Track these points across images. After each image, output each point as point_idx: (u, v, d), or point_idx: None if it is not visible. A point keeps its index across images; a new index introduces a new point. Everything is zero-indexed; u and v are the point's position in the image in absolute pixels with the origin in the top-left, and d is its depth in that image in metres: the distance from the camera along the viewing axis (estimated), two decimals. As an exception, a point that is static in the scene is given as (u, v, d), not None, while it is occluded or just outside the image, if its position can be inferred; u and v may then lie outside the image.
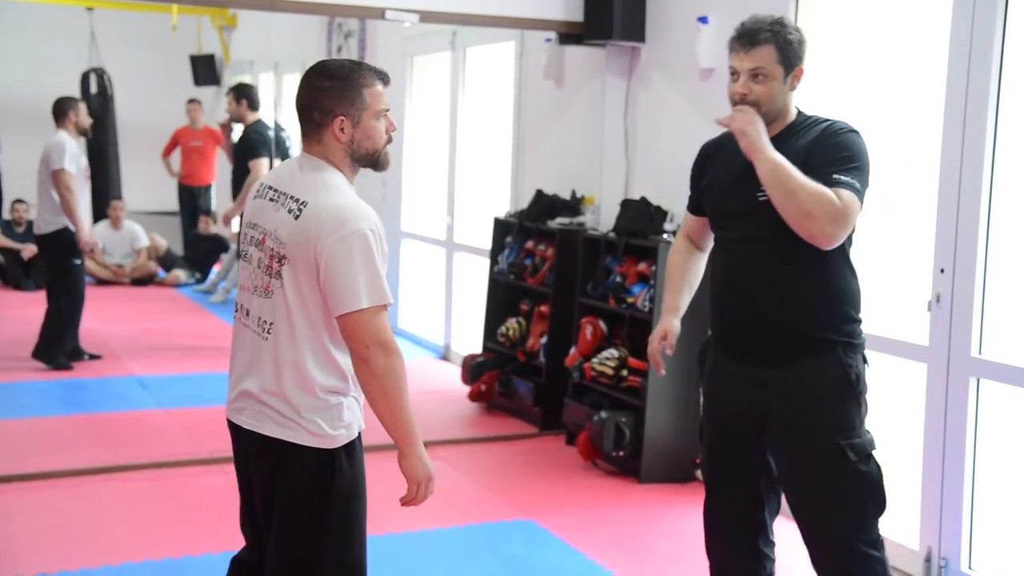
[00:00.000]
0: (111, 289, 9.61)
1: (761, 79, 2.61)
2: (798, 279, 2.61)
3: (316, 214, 2.24)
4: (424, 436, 5.91)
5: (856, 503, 2.61)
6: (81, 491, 4.41)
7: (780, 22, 2.64)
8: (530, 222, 5.70)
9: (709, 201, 2.81)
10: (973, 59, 3.48)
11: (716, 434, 2.81)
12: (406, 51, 7.76)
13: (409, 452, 2.30)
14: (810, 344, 2.62)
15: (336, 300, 2.22)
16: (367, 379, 2.26)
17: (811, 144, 2.60)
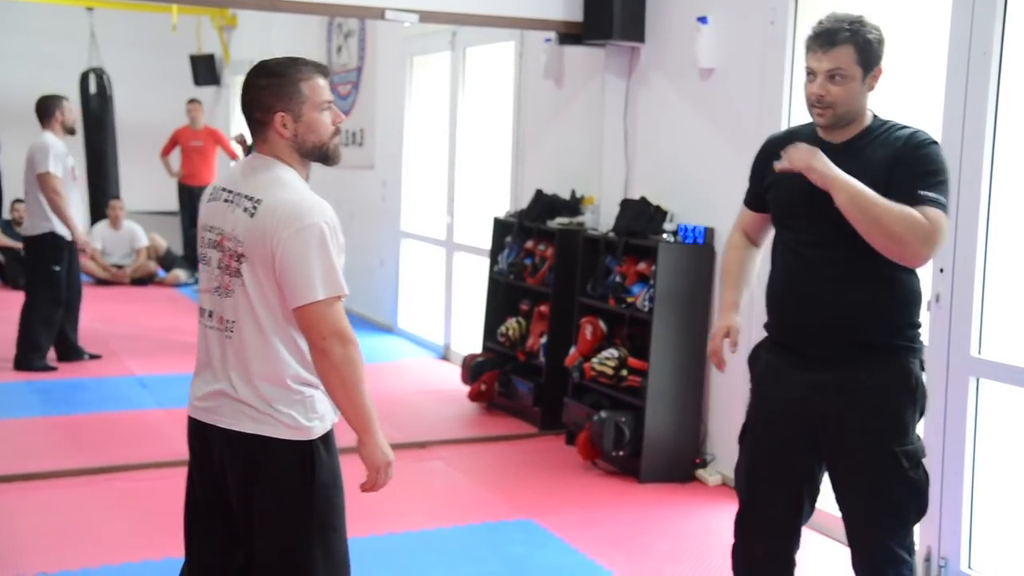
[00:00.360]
0: (111, 289, 9.62)
1: (839, 80, 2.53)
2: (864, 283, 2.56)
3: (271, 210, 2.26)
4: (424, 436, 5.95)
5: (901, 508, 2.62)
6: (81, 491, 4.42)
7: (860, 21, 2.55)
8: (530, 222, 5.71)
9: (774, 200, 2.74)
10: (972, 59, 3.49)
11: (765, 435, 2.75)
12: (406, 51, 7.77)
13: (368, 440, 2.32)
14: (872, 348, 2.59)
15: (292, 292, 2.25)
16: (325, 369, 2.28)
17: (894, 157, 2.54)
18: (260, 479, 2.33)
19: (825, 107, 2.57)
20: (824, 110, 2.58)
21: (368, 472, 2.34)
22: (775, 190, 2.74)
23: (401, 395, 6.22)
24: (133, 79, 11.64)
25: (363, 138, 8.65)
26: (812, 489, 2.76)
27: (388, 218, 8.18)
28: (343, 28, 8.88)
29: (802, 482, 2.73)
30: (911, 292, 2.63)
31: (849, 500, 2.68)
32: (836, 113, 2.57)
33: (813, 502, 2.79)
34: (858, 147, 2.59)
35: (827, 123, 2.60)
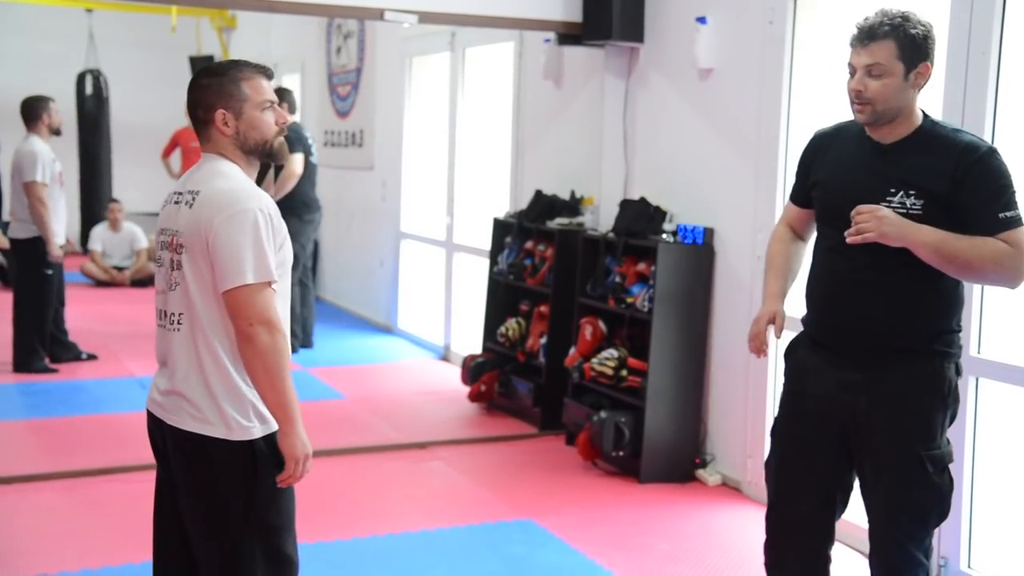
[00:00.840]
0: (110, 290, 9.62)
1: (877, 75, 2.48)
2: (907, 287, 2.55)
3: (207, 198, 2.30)
4: (424, 437, 5.95)
5: (922, 511, 2.61)
6: (81, 492, 4.42)
7: (904, 16, 2.49)
8: (529, 222, 5.71)
9: (820, 198, 2.70)
10: (971, 58, 3.49)
11: (796, 432, 2.74)
12: (405, 52, 7.77)
13: (289, 430, 2.30)
14: (909, 351, 2.58)
15: (222, 276, 2.26)
16: (250, 356, 2.27)
17: (953, 176, 2.48)
18: (199, 478, 2.34)
19: (864, 103, 2.52)
20: (863, 106, 2.53)
21: (286, 463, 2.31)
22: (821, 189, 2.70)
23: (401, 396, 6.22)
24: (133, 80, 11.65)
25: (363, 139, 8.66)
26: (843, 487, 2.75)
27: (388, 219, 8.18)
28: (342, 29, 8.89)
29: (831, 479, 2.72)
30: (953, 297, 2.60)
31: (872, 499, 2.67)
32: (876, 110, 2.52)
33: (845, 500, 2.77)
34: (908, 149, 2.55)
35: (867, 119, 2.55)
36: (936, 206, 2.49)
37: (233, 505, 2.33)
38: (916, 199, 2.50)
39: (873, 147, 2.58)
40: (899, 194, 2.52)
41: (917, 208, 2.50)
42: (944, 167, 2.49)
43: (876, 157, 2.58)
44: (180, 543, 2.45)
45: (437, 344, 7.35)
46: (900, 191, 2.52)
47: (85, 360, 6.71)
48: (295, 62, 9.89)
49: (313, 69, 9.52)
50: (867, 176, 2.57)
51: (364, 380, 6.54)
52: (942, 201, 2.49)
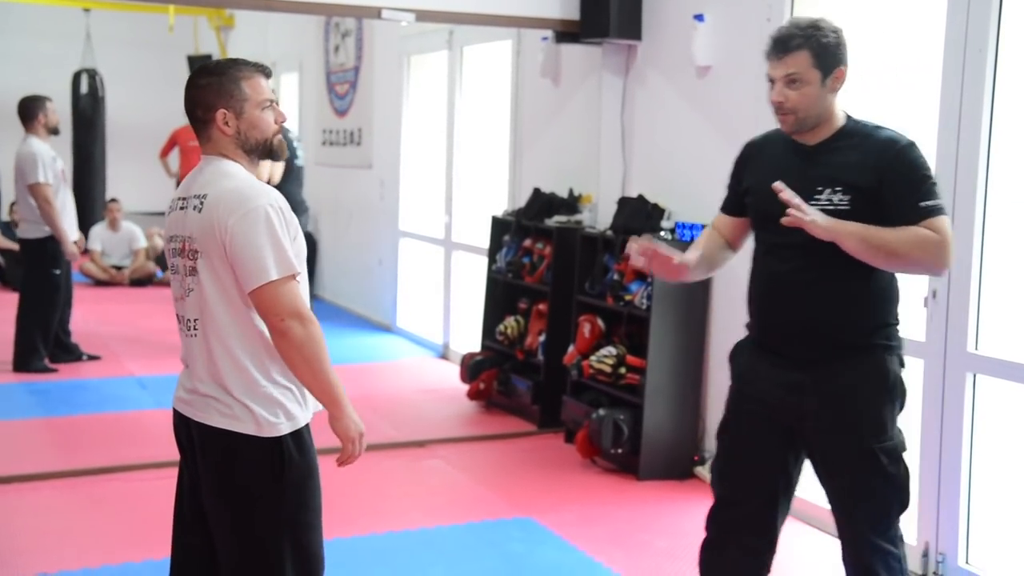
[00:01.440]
0: (110, 290, 9.62)
1: (796, 85, 2.56)
2: (843, 284, 2.58)
3: (216, 201, 2.29)
4: (423, 435, 5.95)
5: (882, 504, 2.64)
6: (81, 491, 4.42)
7: (815, 25, 2.58)
8: (528, 220, 5.71)
9: (753, 203, 2.75)
10: (968, 55, 3.49)
11: (742, 432, 2.77)
12: (403, 50, 7.77)
13: (340, 414, 2.34)
14: (850, 347, 2.61)
15: (246, 276, 2.26)
16: (287, 350, 2.28)
17: (876, 168, 2.54)
18: (227, 474, 2.35)
19: (786, 113, 2.60)
20: (786, 116, 2.61)
21: (343, 444, 2.36)
22: (754, 194, 2.75)
23: (400, 394, 6.23)
24: (131, 79, 11.64)
25: (361, 137, 8.66)
26: (788, 489, 2.77)
27: (386, 217, 8.19)
28: (340, 28, 8.89)
29: (778, 481, 2.74)
30: (889, 291, 2.65)
31: (832, 497, 2.71)
32: (798, 118, 2.60)
33: (788, 503, 2.79)
34: (832, 148, 2.61)
35: (791, 128, 2.63)
36: (862, 200, 2.55)
37: (261, 502, 2.34)
38: (843, 195, 2.56)
39: (799, 150, 2.66)
40: (826, 191, 2.58)
41: (845, 204, 2.56)
42: (867, 162, 2.56)
43: (802, 159, 2.64)
44: (200, 541, 2.46)
45: (436, 342, 7.35)
46: (827, 188, 2.58)
47: (86, 361, 6.71)
48: (293, 61, 9.89)
49: (311, 68, 9.53)
50: (795, 177, 2.62)
51: (363, 379, 6.54)
52: (867, 195, 2.55)
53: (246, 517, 2.36)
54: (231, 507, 2.37)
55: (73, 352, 6.70)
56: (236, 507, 2.36)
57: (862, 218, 2.53)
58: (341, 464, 2.39)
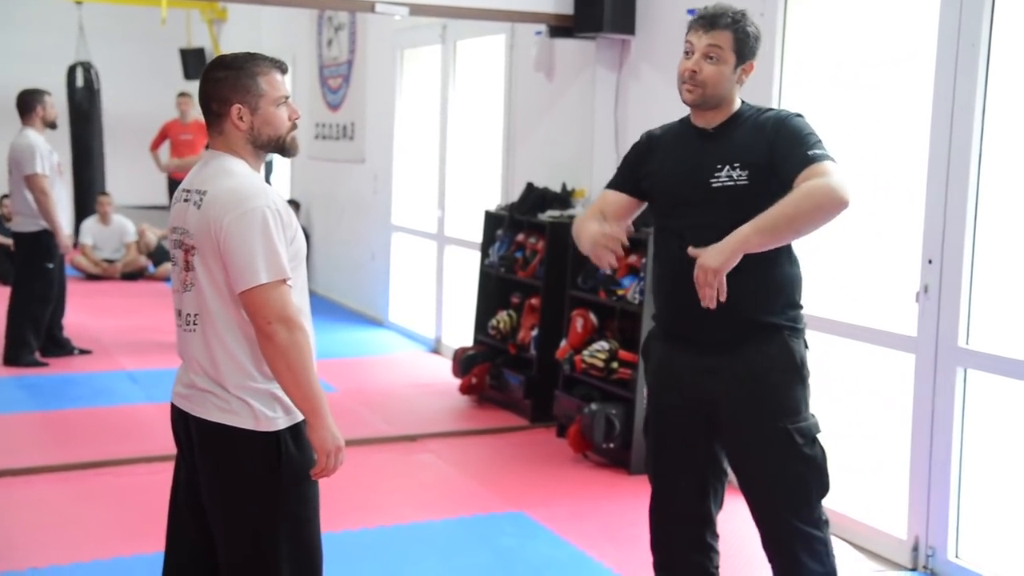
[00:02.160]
0: (101, 284, 9.60)
1: (714, 60, 2.62)
2: (744, 267, 2.58)
3: (215, 199, 2.28)
4: (415, 429, 5.94)
5: (800, 485, 2.65)
6: (71, 486, 4.41)
7: (743, 13, 2.68)
8: (521, 215, 5.71)
9: (657, 189, 2.78)
10: (961, 50, 3.49)
11: (663, 425, 2.81)
12: (396, 44, 7.76)
13: (317, 424, 2.30)
14: (756, 330, 2.65)
15: (236, 277, 2.25)
16: (272, 355, 2.26)
17: (768, 140, 2.61)
18: (225, 469, 2.35)
19: (696, 84, 2.64)
20: (694, 87, 2.65)
21: (318, 457, 2.32)
22: (656, 179, 2.77)
23: (392, 388, 6.22)
24: (123, 73, 11.60)
25: (354, 132, 8.64)
26: (717, 473, 2.80)
27: (379, 212, 8.18)
28: (333, 21, 8.87)
29: (705, 468, 2.78)
30: (790, 274, 2.70)
31: (748, 481, 2.73)
32: (705, 92, 2.64)
33: (722, 488, 2.82)
34: (729, 130, 2.68)
35: (694, 100, 2.66)
36: (760, 174, 2.61)
37: (258, 495, 2.33)
38: (741, 171, 2.62)
39: (698, 133, 2.72)
40: (725, 168, 2.63)
41: (744, 179, 2.61)
42: (759, 136, 2.64)
43: (701, 141, 2.71)
44: (195, 535, 2.46)
45: (428, 337, 7.35)
46: (726, 166, 2.64)
47: (77, 355, 6.70)
48: (286, 54, 9.84)
49: (304, 61, 9.50)
50: (695, 158, 2.68)
51: (355, 373, 6.53)
52: (764, 168, 2.60)
53: (244, 511, 2.35)
54: (229, 501, 2.36)
55: (64, 346, 6.69)
56: (234, 501, 2.36)
57: (761, 191, 2.57)
58: (315, 477, 2.36)
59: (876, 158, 3.99)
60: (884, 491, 3.92)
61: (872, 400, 4.08)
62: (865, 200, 3.99)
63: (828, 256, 4.06)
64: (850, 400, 4.11)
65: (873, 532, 3.86)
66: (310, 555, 2.40)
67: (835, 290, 4.07)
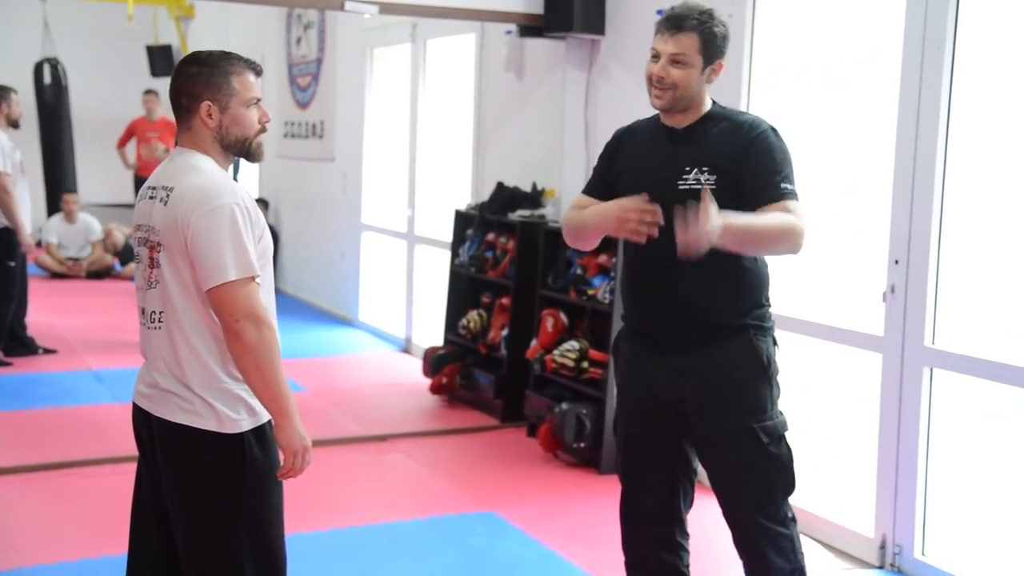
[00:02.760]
0: (67, 283, 9.50)
1: (680, 65, 2.62)
2: (713, 265, 2.59)
3: (182, 195, 2.27)
4: (385, 429, 5.92)
5: (766, 483, 2.67)
6: (37, 487, 4.36)
7: (709, 13, 2.66)
8: (491, 214, 5.70)
9: (626, 186, 2.75)
10: (926, 54, 3.53)
11: (632, 424, 2.82)
12: (366, 43, 7.73)
13: (285, 424, 2.28)
14: (722, 329, 2.66)
15: (204, 274, 2.24)
16: (239, 352, 2.25)
17: (739, 149, 2.60)
18: (187, 470, 2.33)
19: (664, 88, 2.64)
20: (663, 92, 2.65)
21: (284, 457, 2.30)
22: (626, 177, 2.76)
23: (362, 388, 6.20)
24: (89, 70, 11.47)
25: (323, 130, 8.60)
26: (687, 472, 2.81)
27: (349, 210, 8.14)
28: (302, 19, 8.82)
29: (675, 467, 2.78)
30: (758, 273, 2.71)
31: (716, 479, 2.74)
32: (674, 96, 2.64)
33: (691, 487, 2.84)
34: (699, 131, 2.68)
35: (664, 105, 2.67)
36: (727, 180, 2.61)
37: (221, 498, 2.31)
38: (709, 175, 2.62)
39: (668, 133, 2.72)
40: (693, 171, 2.63)
41: (711, 183, 2.60)
42: (731, 143, 2.63)
43: (671, 141, 2.70)
44: (158, 537, 2.43)
45: (398, 336, 7.33)
46: (694, 168, 2.63)
47: (42, 355, 6.62)
48: (255, 52, 9.78)
49: (273, 59, 9.44)
50: (665, 158, 2.68)
51: (325, 373, 6.51)
52: (731, 175, 2.61)
53: (207, 513, 2.33)
54: (192, 503, 2.34)
55: (29, 345, 6.61)
56: (197, 503, 2.34)
57: (728, 197, 2.55)
58: (282, 477, 2.33)
59: (843, 158, 4.03)
60: (851, 489, 3.96)
61: (839, 399, 4.12)
62: (832, 200, 4.02)
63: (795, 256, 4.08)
64: (818, 399, 4.14)
65: (840, 530, 3.90)
66: (273, 558, 2.39)
67: (802, 290, 4.10)
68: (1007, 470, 3.58)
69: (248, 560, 2.34)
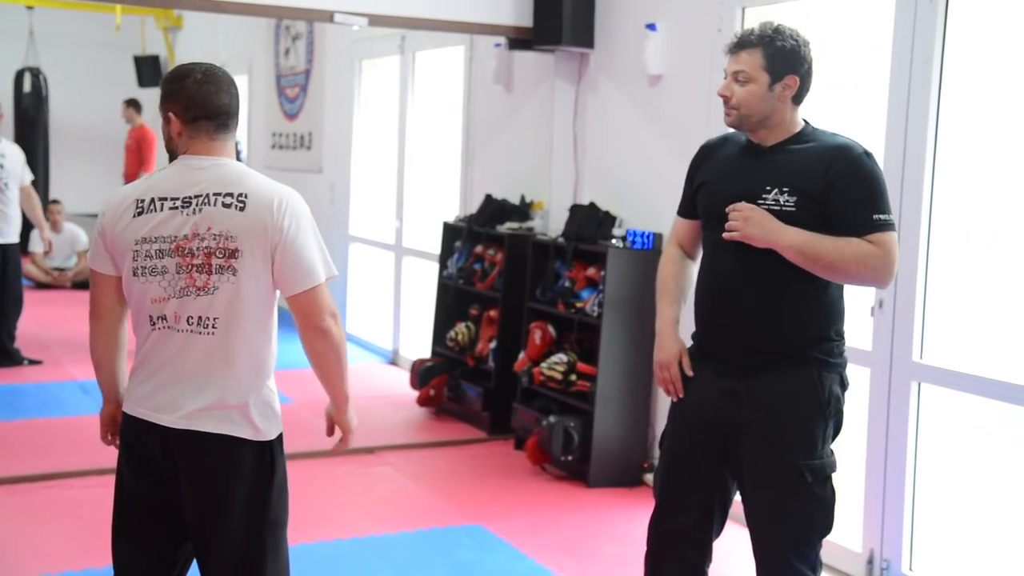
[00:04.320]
0: (52, 293, 9.44)
1: (743, 83, 2.58)
2: (781, 290, 2.56)
3: (264, 201, 2.30)
4: (373, 441, 5.92)
5: (803, 523, 2.60)
6: (21, 499, 4.32)
7: (777, 29, 2.60)
8: (479, 227, 5.70)
9: (703, 200, 2.73)
10: (914, 68, 3.55)
11: (679, 441, 2.75)
12: (355, 54, 7.73)
13: (347, 408, 2.49)
14: (785, 357, 2.58)
15: (296, 278, 2.29)
16: (325, 350, 2.34)
17: (828, 172, 2.53)
18: (224, 479, 2.31)
19: (731, 107, 2.62)
20: (730, 110, 2.62)
21: (344, 436, 2.52)
22: (703, 191, 2.74)
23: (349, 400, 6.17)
24: (76, 80, 11.44)
25: (311, 141, 8.59)
26: (723, 501, 2.74)
27: (336, 222, 8.12)
28: (291, 31, 8.81)
29: (713, 492, 2.71)
30: (831, 303, 2.62)
31: (753, 511, 2.67)
32: (740, 114, 2.60)
33: (724, 515, 2.76)
34: (785, 150, 2.62)
35: (732, 123, 2.64)
36: (809, 204, 2.54)
37: (253, 504, 2.34)
38: (789, 196, 2.55)
39: (753, 150, 2.67)
40: (773, 191, 2.57)
41: (791, 205, 2.55)
42: (818, 166, 2.56)
43: (754, 158, 2.65)
44: (149, 552, 2.41)
45: (386, 348, 7.31)
46: (775, 189, 2.57)
47: (27, 366, 6.58)
48: (242, 63, 9.78)
49: (261, 70, 9.43)
50: (744, 175, 2.63)
51: (312, 384, 6.40)
52: (815, 199, 2.54)
53: (238, 521, 2.33)
54: (225, 511, 2.33)
55: (14, 356, 6.57)
56: (230, 511, 2.33)
57: (808, 221, 2.52)
58: (336, 452, 2.58)
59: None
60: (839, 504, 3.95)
61: (827, 413, 4.12)
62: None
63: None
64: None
65: (828, 545, 3.82)
66: (287, 562, 2.43)
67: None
68: (995, 485, 3.59)
69: (269, 564, 2.36)
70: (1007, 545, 3.51)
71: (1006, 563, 3.49)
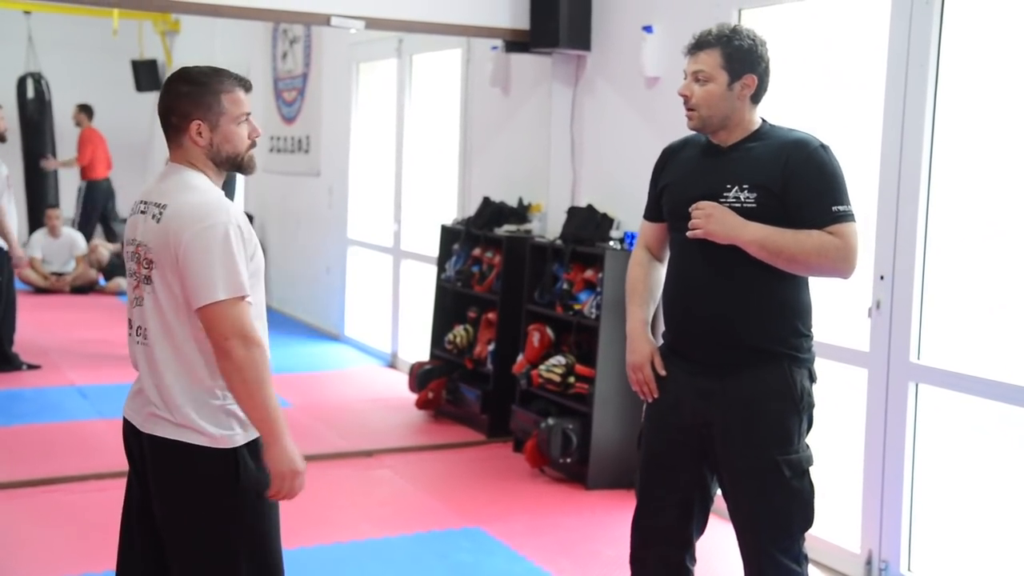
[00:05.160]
0: (51, 297, 9.44)
1: (702, 82, 2.61)
2: (747, 287, 2.58)
3: (176, 213, 2.27)
4: (371, 444, 5.91)
5: (783, 517, 2.62)
6: (20, 504, 4.32)
7: (734, 30, 2.63)
8: (477, 229, 5.71)
9: (667, 201, 2.76)
10: (910, 70, 3.56)
11: (655, 442, 2.77)
12: (352, 57, 7.73)
13: (273, 444, 2.25)
14: (755, 355, 2.61)
15: (194, 293, 2.24)
16: (228, 371, 2.24)
17: (786, 167, 2.56)
18: (180, 487, 2.32)
19: (690, 108, 2.64)
20: (690, 112, 2.65)
21: (272, 479, 2.27)
22: (667, 192, 2.77)
23: (348, 403, 6.18)
24: (75, 84, 11.44)
25: (309, 145, 8.59)
26: (704, 498, 2.76)
27: (335, 225, 8.13)
28: (288, 34, 8.82)
29: (692, 490, 2.73)
30: (799, 300, 2.65)
31: (734, 508, 2.69)
32: (700, 115, 2.63)
33: (706, 513, 2.78)
34: (744, 148, 2.64)
35: (694, 126, 2.67)
36: (770, 199, 2.57)
37: (217, 515, 2.30)
38: (750, 193, 2.57)
39: (713, 150, 2.69)
40: (734, 189, 2.60)
41: (751, 202, 2.57)
42: (776, 161, 2.58)
43: (714, 158, 2.68)
44: (144, 556, 2.41)
45: (384, 351, 7.31)
46: (735, 186, 2.60)
47: (26, 371, 6.58)
48: (240, 67, 9.78)
49: (258, 74, 9.44)
50: (705, 175, 2.66)
51: (311, 388, 6.48)
52: (775, 194, 2.57)
53: (202, 531, 2.32)
54: (186, 521, 2.32)
55: (12, 361, 6.56)
56: (191, 521, 2.32)
57: (769, 216, 2.55)
58: (270, 498, 2.30)
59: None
60: (837, 505, 3.96)
61: (825, 414, 4.12)
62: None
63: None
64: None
65: (826, 546, 3.90)
66: (272, 570, 2.37)
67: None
68: (992, 485, 3.59)
69: (243, 574, 2.32)
70: (1006, 545, 3.51)
71: (1005, 563, 3.49)
